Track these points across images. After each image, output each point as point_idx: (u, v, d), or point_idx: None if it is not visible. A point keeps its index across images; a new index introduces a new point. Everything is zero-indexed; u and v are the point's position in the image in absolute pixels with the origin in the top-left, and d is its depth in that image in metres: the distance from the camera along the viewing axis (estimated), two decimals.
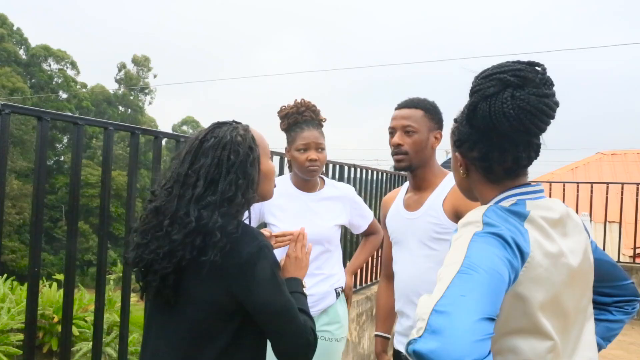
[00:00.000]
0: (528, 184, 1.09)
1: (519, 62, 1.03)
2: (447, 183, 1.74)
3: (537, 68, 1.02)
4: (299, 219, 2.03)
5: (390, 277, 1.95)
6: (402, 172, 5.21)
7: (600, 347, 1.18)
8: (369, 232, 2.37)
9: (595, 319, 1.16)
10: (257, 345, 1.31)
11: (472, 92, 1.05)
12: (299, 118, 2.12)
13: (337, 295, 2.16)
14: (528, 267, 0.95)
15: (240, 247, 1.22)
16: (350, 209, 2.22)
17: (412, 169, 1.77)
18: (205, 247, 1.20)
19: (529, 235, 0.97)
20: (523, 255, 0.95)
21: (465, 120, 1.09)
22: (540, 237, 0.99)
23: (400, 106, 1.80)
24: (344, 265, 2.63)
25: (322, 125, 2.18)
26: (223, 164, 1.24)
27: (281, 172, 2.88)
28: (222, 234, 1.20)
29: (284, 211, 2.10)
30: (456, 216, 1.64)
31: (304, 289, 1.38)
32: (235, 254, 1.21)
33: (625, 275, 1.23)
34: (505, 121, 0.99)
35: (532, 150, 1.08)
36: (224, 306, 1.23)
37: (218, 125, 1.33)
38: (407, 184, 1.92)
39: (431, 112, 1.77)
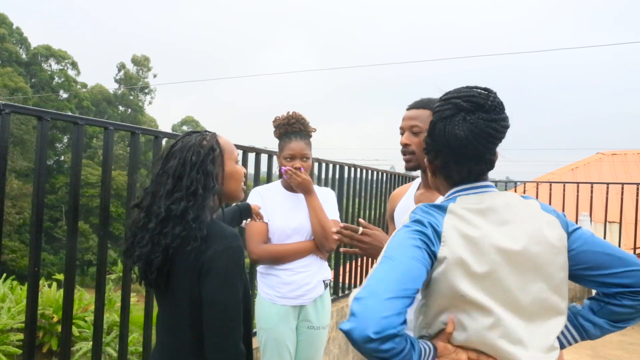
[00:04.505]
0: (476, 181, 1.23)
1: (474, 89, 1.19)
2: None
3: (489, 94, 1.17)
4: (289, 214, 2.35)
5: None
6: (403, 173, 5.23)
7: (607, 331, 1.24)
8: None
9: (600, 301, 1.23)
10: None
11: (434, 112, 1.22)
12: (289, 129, 2.36)
13: (325, 286, 2.42)
14: (445, 245, 1.11)
15: (209, 244, 1.35)
16: (322, 200, 2.43)
17: (422, 168, 1.80)
18: (187, 237, 1.34)
19: (445, 220, 1.15)
20: (438, 234, 1.12)
21: (428, 134, 1.26)
22: (457, 222, 1.14)
23: (410, 107, 1.84)
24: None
25: (310, 136, 2.41)
26: (187, 163, 1.42)
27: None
28: (197, 222, 1.35)
29: (276, 208, 2.38)
30: None
31: None
32: (205, 250, 1.34)
33: (631, 262, 1.19)
34: (456, 140, 1.16)
35: (485, 164, 1.22)
36: (200, 298, 1.35)
37: (189, 134, 1.51)
38: (418, 180, 1.95)
39: None
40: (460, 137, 1.15)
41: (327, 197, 2.46)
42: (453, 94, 1.20)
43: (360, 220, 1.60)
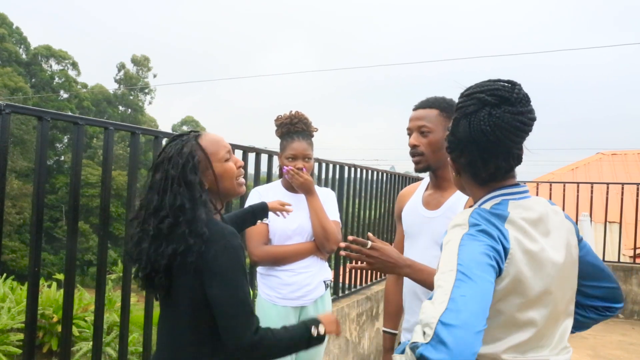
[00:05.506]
0: (514, 185, 1.19)
1: (498, 82, 1.14)
2: None
3: (514, 87, 1.12)
4: (290, 215, 2.27)
5: None
6: (403, 173, 5.23)
7: None
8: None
9: None
10: None
11: (456, 109, 1.17)
12: (291, 128, 2.34)
13: (326, 287, 2.41)
14: (510, 263, 1.06)
15: (209, 245, 1.34)
16: (323, 201, 2.40)
17: (432, 169, 1.75)
18: (187, 251, 1.33)
19: (509, 234, 1.09)
20: (506, 250, 1.06)
21: (452, 132, 1.20)
22: (520, 236, 1.09)
23: (416, 107, 1.78)
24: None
25: (312, 136, 2.39)
26: (169, 177, 1.38)
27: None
28: (193, 237, 1.33)
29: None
30: None
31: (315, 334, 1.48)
32: (205, 252, 1.34)
33: (613, 279, 1.30)
34: (482, 136, 1.11)
35: (512, 159, 1.17)
36: (202, 299, 1.35)
37: (172, 139, 1.48)
38: (426, 180, 1.90)
39: (447, 110, 1.72)
40: (487, 133, 1.10)
41: (327, 198, 2.45)
42: (476, 88, 1.14)
43: (370, 234, 1.56)
